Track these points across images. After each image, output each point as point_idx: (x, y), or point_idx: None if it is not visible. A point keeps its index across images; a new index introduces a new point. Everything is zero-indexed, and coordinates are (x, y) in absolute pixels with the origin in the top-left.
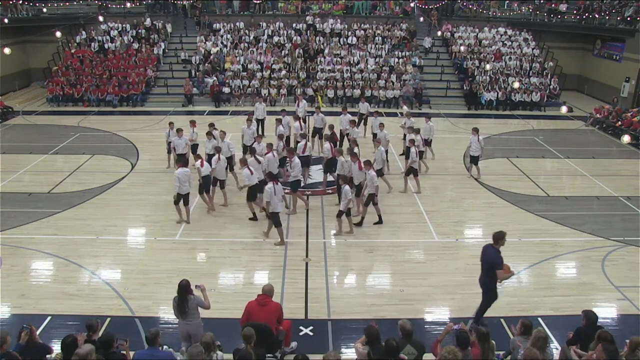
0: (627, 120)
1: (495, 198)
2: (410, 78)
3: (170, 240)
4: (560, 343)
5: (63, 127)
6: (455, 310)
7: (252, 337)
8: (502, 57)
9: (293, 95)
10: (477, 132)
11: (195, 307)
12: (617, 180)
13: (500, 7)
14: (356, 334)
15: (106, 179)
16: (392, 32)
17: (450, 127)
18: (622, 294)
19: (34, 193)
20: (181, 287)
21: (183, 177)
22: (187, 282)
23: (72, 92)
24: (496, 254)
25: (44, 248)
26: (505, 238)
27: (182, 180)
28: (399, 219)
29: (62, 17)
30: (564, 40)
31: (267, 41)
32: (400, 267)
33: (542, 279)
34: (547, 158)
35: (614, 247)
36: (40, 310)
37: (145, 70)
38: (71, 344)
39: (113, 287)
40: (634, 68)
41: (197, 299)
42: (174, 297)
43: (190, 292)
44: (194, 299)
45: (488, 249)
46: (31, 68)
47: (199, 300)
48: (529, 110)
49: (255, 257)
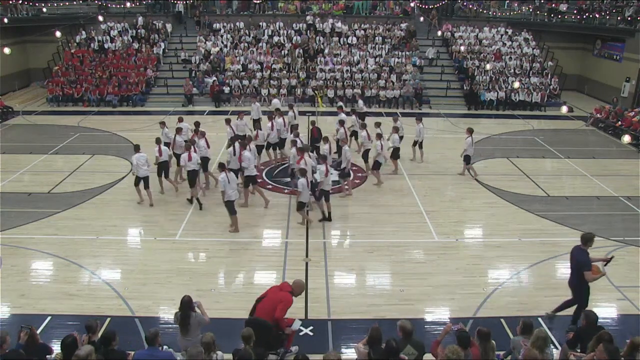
0: (627, 120)
1: (495, 198)
2: (410, 78)
3: (170, 240)
4: (561, 343)
5: (63, 127)
6: (455, 311)
7: (251, 338)
8: (502, 57)
9: (293, 95)
10: (471, 132)
11: (197, 326)
12: (617, 180)
13: (501, 7)
14: (356, 334)
15: (106, 179)
16: (392, 32)
17: (451, 127)
18: (622, 294)
19: (34, 193)
20: (183, 304)
21: (140, 161)
22: (190, 299)
23: (72, 92)
24: (584, 255)
25: (44, 248)
26: (594, 240)
27: (139, 164)
28: (399, 219)
29: (62, 17)
30: (564, 40)
31: (267, 41)
32: (400, 267)
33: (542, 279)
34: (547, 158)
35: (614, 247)
36: (40, 310)
37: (145, 70)
38: (71, 344)
39: (113, 287)
40: (634, 68)
41: (198, 317)
42: (176, 313)
43: (192, 308)
44: (195, 317)
45: (576, 251)
46: (31, 68)
47: (200, 318)
48: (529, 110)
49: (255, 257)
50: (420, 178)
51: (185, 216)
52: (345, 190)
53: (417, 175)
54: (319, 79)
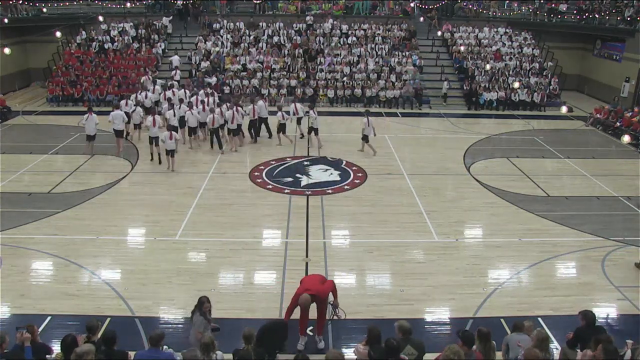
0: (627, 120)
1: (495, 198)
2: (410, 78)
3: (170, 240)
4: (560, 343)
5: (63, 127)
6: (455, 311)
7: (252, 337)
8: (502, 57)
9: (293, 95)
10: (368, 114)
11: (200, 325)
12: (617, 180)
13: (500, 7)
14: (356, 334)
15: (106, 179)
16: (392, 32)
17: (451, 127)
18: (622, 294)
19: (34, 193)
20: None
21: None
22: (203, 300)
23: (72, 92)
24: None
25: (44, 248)
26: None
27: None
28: (399, 219)
29: (62, 17)
30: (564, 40)
31: (267, 41)
32: (400, 267)
33: (542, 279)
34: (547, 158)
35: (614, 247)
36: (40, 310)
37: (145, 70)
38: (71, 343)
39: (113, 287)
40: (634, 68)
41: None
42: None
43: (201, 309)
44: (199, 318)
45: None
46: (31, 68)
47: (201, 321)
48: (529, 110)
49: (255, 257)
50: (420, 178)
51: (185, 216)
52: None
53: (417, 175)
54: (319, 79)
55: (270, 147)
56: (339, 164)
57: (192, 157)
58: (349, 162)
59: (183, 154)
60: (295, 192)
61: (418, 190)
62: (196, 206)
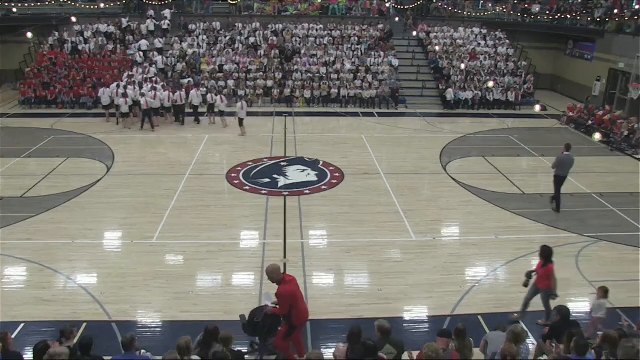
0: (598, 118)
1: (471, 196)
2: (387, 78)
3: (147, 243)
4: (537, 338)
5: (36, 129)
6: (433, 309)
7: (230, 340)
8: (477, 56)
9: (270, 97)
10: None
11: None
12: (590, 177)
13: (475, 7)
14: (335, 334)
15: (81, 182)
16: (368, 33)
17: (427, 126)
18: (594, 288)
19: (6, 197)
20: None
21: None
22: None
23: (45, 94)
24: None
25: (17, 254)
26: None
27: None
28: (376, 219)
29: (34, 17)
30: (538, 40)
31: (243, 42)
32: (378, 266)
33: (518, 275)
34: (522, 156)
35: (587, 243)
36: (12, 318)
37: (120, 71)
38: (43, 350)
39: (89, 291)
40: (605, 68)
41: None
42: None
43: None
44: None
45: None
46: (1, 70)
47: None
48: (504, 109)
49: (233, 259)
50: (397, 178)
51: (162, 218)
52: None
53: (394, 174)
54: (296, 79)
55: (245, 150)
56: (316, 165)
57: (169, 158)
58: (326, 162)
59: (161, 155)
60: (272, 193)
61: (395, 190)
62: (173, 208)
